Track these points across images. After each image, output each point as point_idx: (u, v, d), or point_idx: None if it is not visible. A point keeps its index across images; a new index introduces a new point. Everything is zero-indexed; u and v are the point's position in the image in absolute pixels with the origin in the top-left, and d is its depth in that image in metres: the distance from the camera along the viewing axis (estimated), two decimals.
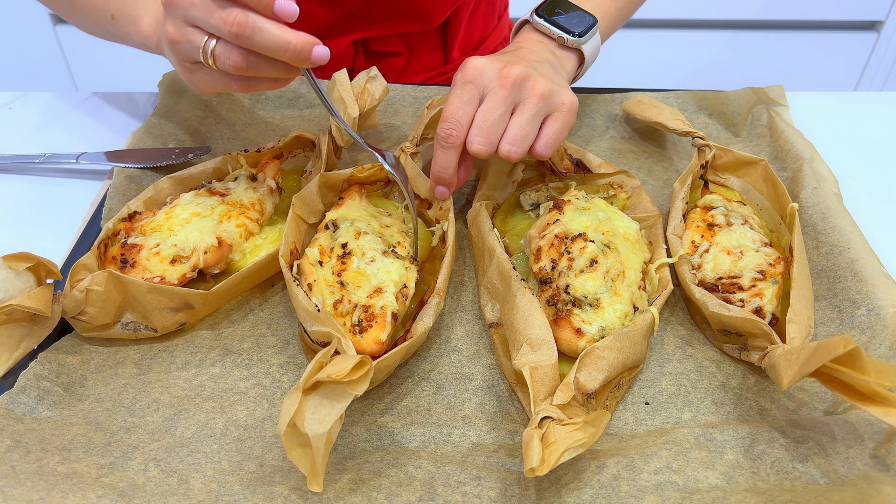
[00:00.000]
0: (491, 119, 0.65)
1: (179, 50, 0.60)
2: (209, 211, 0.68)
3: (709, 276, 0.66)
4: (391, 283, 0.62)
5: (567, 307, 0.61)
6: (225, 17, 0.55)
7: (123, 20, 0.69)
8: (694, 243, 0.69)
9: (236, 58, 0.57)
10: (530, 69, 0.67)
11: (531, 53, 0.72)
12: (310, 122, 0.91)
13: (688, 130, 0.80)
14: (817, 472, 0.54)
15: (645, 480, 0.53)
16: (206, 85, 0.62)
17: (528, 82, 0.66)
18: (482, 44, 1.10)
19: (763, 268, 0.65)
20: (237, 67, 0.58)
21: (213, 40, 0.57)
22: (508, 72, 0.66)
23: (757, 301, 0.63)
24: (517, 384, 0.61)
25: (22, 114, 0.94)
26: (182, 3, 0.57)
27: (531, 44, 0.75)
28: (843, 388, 0.50)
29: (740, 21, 1.98)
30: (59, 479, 0.53)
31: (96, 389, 0.61)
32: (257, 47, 0.56)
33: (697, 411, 0.60)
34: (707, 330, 0.66)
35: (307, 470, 0.48)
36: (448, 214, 0.70)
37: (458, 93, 0.66)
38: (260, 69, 0.58)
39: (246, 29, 0.54)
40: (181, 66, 0.62)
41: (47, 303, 0.59)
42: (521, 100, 0.66)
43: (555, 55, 0.75)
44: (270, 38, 0.55)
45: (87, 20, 0.76)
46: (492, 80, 0.66)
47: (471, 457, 0.56)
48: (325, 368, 0.49)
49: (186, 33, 0.58)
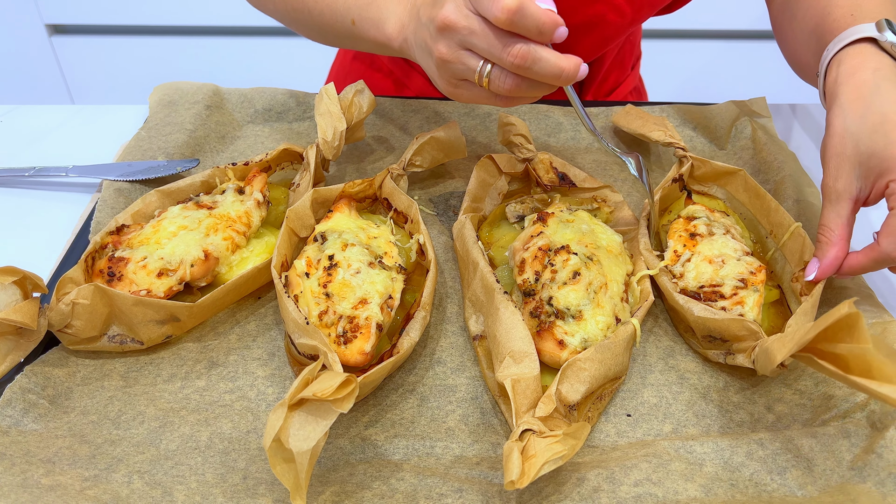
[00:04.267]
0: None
1: (450, 69, 0.63)
2: (196, 224, 0.69)
3: (691, 285, 0.66)
4: (376, 294, 0.63)
5: (550, 319, 0.61)
6: (510, 51, 0.58)
7: (365, 24, 0.73)
8: (676, 253, 0.69)
9: (510, 84, 0.60)
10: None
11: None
12: (298, 135, 0.92)
13: (670, 141, 0.80)
14: (795, 483, 0.55)
15: (625, 493, 0.54)
16: (469, 99, 0.65)
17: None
18: (613, 91, 1.12)
19: (744, 276, 0.65)
20: (509, 91, 0.61)
21: (489, 65, 0.60)
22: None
23: (738, 309, 0.63)
24: (500, 396, 0.61)
25: (13, 126, 0.94)
26: (461, 30, 0.59)
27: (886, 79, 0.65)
28: (838, 363, 0.49)
29: (729, 31, 1.99)
30: (43, 491, 0.53)
31: (82, 402, 0.61)
32: (534, 76, 0.59)
33: (679, 423, 0.60)
34: (692, 338, 0.66)
35: (291, 485, 0.48)
36: (419, 227, 0.71)
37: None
38: (527, 91, 0.61)
39: (527, 60, 0.58)
40: (446, 81, 0.65)
41: (33, 316, 0.60)
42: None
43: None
44: (548, 67, 0.58)
45: (324, 26, 0.79)
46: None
47: (453, 469, 0.57)
48: (311, 386, 0.49)
49: (461, 56, 0.61)
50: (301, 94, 0.95)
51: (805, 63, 0.78)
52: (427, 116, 0.93)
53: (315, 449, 0.48)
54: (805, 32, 0.76)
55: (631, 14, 0.92)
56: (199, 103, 0.91)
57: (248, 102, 0.94)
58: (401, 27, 0.69)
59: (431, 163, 0.81)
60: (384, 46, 0.72)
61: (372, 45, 0.75)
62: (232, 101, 0.94)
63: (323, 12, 0.77)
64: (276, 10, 0.84)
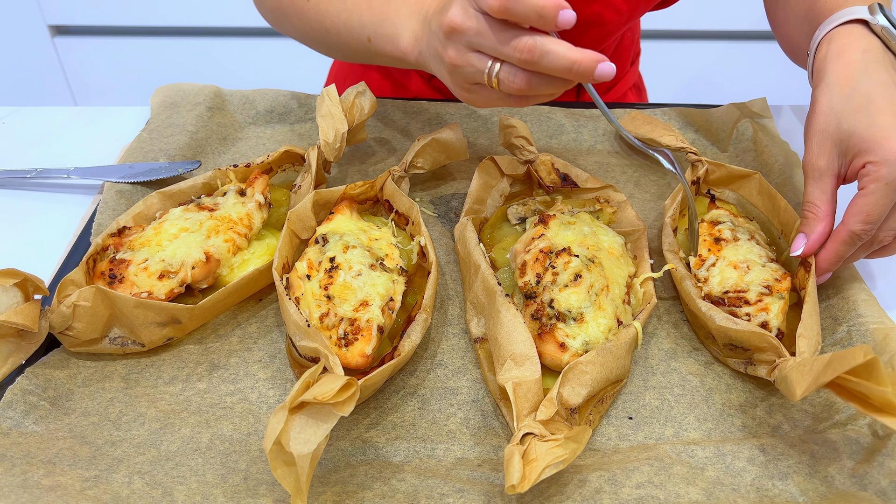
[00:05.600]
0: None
1: (460, 73, 0.62)
2: (197, 226, 0.69)
3: (715, 290, 0.66)
4: (377, 297, 0.63)
5: (551, 321, 0.61)
6: (514, 45, 0.56)
7: (381, 41, 0.73)
8: (701, 257, 0.69)
9: (520, 81, 0.58)
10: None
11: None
12: (299, 137, 0.92)
13: (681, 146, 0.80)
14: (797, 489, 0.55)
15: (627, 494, 0.54)
16: (484, 103, 0.65)
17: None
18: (613, 87, 1.12)
19: (769, 283, 0.65)
20: (520, 90, 0.59)
21: (497, 64, 0.59)
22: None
23: (763, 316, 0.63)
24: (501, 399, 0.61)
25: (15, 128, 0.95)
26: (467, 31, 0.59)
27: (874, 65, 0.64)
28: (857, 399, 0.49)
29: (731, 32, 1.99)
30: (43, 491, 0.53)
31: (83, 403, 0.61)
32: (545, 70, 0.57)
33: (680, 427, 0.60)
34: (712, 345, 0.66)
35: (291, 488, 0.48)
36: (421, 229, 0.71)
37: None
38: (541, 88, 0.59)
39: (534, 54, 0.56)
40: (459, 86, 0.64)
41: (34, 318, 0.60)
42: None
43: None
44: (557, 59, 0.55)
45: (341, 45, 0.80)
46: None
47: (454, 471, 0.57)
48: (312, 389, 0.49)
49: (469, 58, 0.60)
50: (303, 95, 0.95)
51: (797, 45, 0.78)
52: (429, 118, 0.93)
53: (316, 452, 0.48)
54: (798, 16, 0.77)
55: (628, 12, 0.92)
56: (200, 105, 0.91)
57: (249, 104, 0.94)
58: (415, 40, 0.69)
59: (433, 165, 0.81)
60: (401, 61, 0.73)
61: (389, 60, 0.75)
62: (233, 103, 0.94)
63: (339, 31, 0.78)
64: (294, 30, 0.85)
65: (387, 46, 0.73)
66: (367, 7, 0.74)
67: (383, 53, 0.74)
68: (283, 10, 0.83)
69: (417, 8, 0.69)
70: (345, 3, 0.77)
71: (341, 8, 0.77)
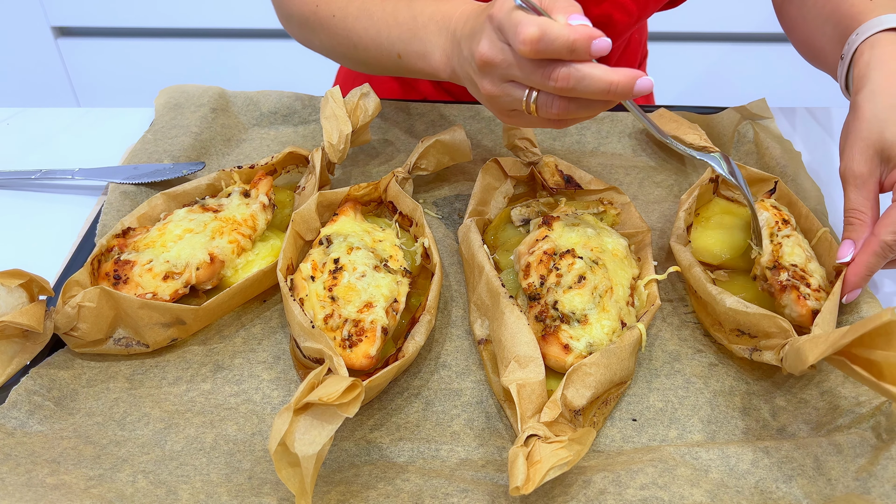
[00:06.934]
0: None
1: (498, 103, 0.62)
2: (202, 227, 0.69)
3: (786, 259, 0.66)
4: (381, 298, 0.63)
5: (555, 323, 0.61)
6: (549, 76, 0.56)
7: (411, 57, 0.73)
8: (771, 228, 0.69)
9: (558, 108, 0.59)
10: None
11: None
12: (303, 139, 0.92)
13: (704, 145, 0.80)
14: (800, 492, 0.55)
15: (631, 495, 0.54)
16: (526, 125, 0.66)
17: None
18: None
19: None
20: (559, 115, 0.59)
21: (534, 92, 0.59)
22: None
23: (817, 305, 0.63)
24: (505, 401, 0.61)
25: (19, 129, 0.95)
26: (500, 65, 0.59)
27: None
28: (871, 370, 0.48)
29: (736, 34, 1.99)
30: (48, 490, 0.53)
31: (87, 404, 0.61)
32: (582, 95, 0.56)
33: (684, 429, 0.60)
34: (718, 331, 0.65)
35: (296, 489, 0.48)
36: (425, 230, 0.71)
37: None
38: (579, 113, 0.59)
39: (570, 82, 0.55)
40: (498, 112, 0.65)
41: (39, 319, 0.60)
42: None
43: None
44: (594, 84, 0.55)
45: (370, 60, 0.80)
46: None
47: (459, 471, 0.57)
48: (317, 390, 0.49)
49: (505, 88, 0.60)
50: (307, 97, 0.95)
51: (818, 48, 0.78)
52: (432, 120, 0.93)
53: (320, 453, 0.48)
54: (819, 18, 0.76)
55: (637, 12, 0.92)
56: (204, 106, 0.91)
57: (253, 105, 0.94)
58: (447, 58, 0.69)
59: (437, 166, 0.81)
60: (433, 76, 0.73)
61: (421, 75, 0.75)
62: (238, 104, 0.94)
63: (368, 48, 0.78)
64: (322, 46, 0.85)
65: (418, 63, 0.73)
66: (395, 23, 0.74)
67: (415, 69, 0.74)
68: (311, 27, 0.83)
69: (445, 24, 0.69)
70: (371, 19, 0.76)
71: (368, 24, 0.77)
